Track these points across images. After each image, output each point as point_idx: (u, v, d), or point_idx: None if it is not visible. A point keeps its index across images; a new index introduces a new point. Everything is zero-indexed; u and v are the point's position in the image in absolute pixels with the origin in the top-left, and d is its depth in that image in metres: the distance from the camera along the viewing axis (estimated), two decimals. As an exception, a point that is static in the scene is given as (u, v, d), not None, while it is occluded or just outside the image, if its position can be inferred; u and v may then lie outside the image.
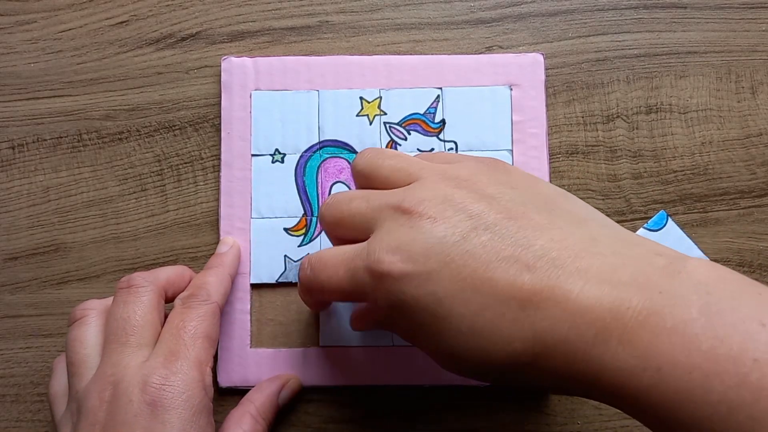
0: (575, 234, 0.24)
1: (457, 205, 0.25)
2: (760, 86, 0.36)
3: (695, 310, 0.20)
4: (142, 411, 0.26)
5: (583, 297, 0.22)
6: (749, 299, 0.21)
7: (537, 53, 0.36)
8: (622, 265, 0.22)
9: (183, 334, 0.29)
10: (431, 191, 0.26)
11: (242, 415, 0.32)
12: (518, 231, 0.24)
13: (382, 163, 0.28)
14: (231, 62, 0.37)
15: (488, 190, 0.26)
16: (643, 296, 0.21)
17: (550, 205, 0.26)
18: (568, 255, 0.23)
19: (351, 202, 0.28)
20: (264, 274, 0.35)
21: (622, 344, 0.21)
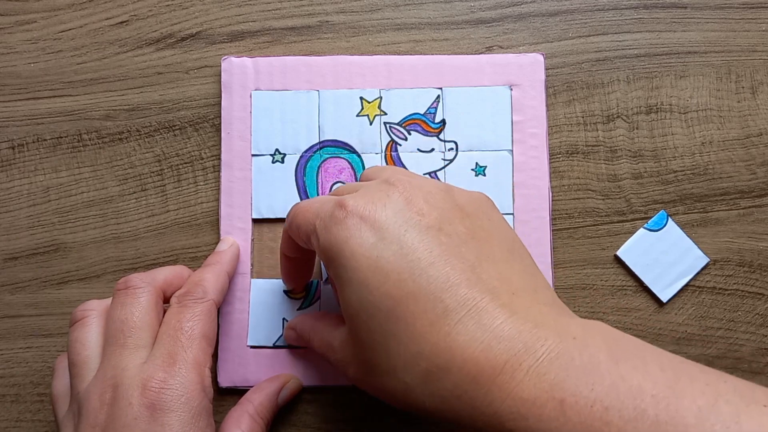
0: (522, 280, 0.25)
1: (435, 202, 0.26)
2: (760, 86, 0.36)
3: (603, 354, 0.21)
4: (141, 414, 0.26)
5: (505, 326, 0.23)
6: (652, 352, 0.22)
7: (537, 53, 0.36)
8: (548, 314, 0.24)
9: (180, 335, 0.29)
10: (420, 181, 0.27)
11: (241, 415, 0.32)
12: (475, 250, 0.25)
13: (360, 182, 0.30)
14: (231, 62, 0.37)
15: (467, 208, 0.27)
16: (558, 338, 0.22)
17: (513, 249, 0.27)
18: (507, 290, 0.24)
19: (349, 184, 0.30)
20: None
21: (529, 376, 0.22)
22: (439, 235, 0.25)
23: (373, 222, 0.25)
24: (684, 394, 0.20)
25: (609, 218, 0.36)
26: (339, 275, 0.26)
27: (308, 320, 0.32)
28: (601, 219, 0.36)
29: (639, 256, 0.35)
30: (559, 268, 0.36)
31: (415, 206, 0.26)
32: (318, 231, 0.27)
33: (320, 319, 0.32)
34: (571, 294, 0.35)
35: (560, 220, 0.36)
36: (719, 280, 0.35)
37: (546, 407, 0.21)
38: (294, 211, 0.29)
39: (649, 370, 0.21)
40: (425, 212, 0.25)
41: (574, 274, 0.36)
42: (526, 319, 0.23)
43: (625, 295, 0.35)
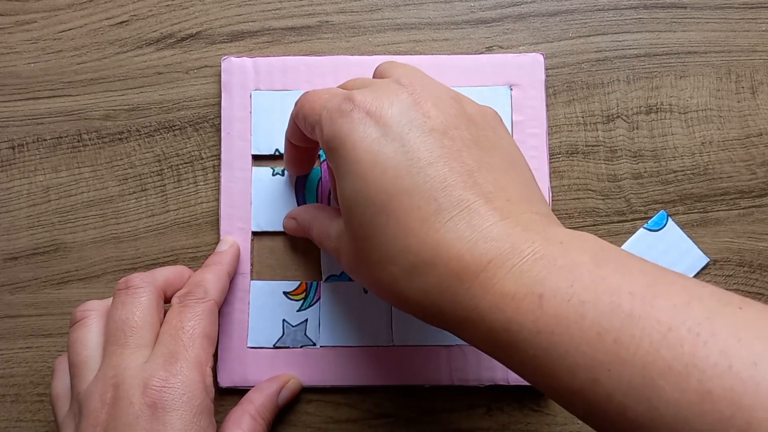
0: (519, 192, 0.25)
1: (444, 106, 0.26)
2: (760, 86, 0.36)
3: (587, 257, 0.22)
4: (143, 413, 0.26)
5: (494, 228, 0.23)
6: (636, 259, 0.23)
7: (537, 53, 0.36)
8: (539, 221, 0.24)
9: (181, 334, 0.29)
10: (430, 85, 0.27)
11: (241, 415, 0.32)
12: (476, 157, 0.25)
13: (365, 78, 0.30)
14: (231, 62, 0.37)
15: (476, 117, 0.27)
16: (546, 242, 0.23)
17: (516, 165, 0.27)
18: (502, 197, 0.24)
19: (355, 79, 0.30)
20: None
21: (511, 273, 0.22)
22: (442, 138, 0.25)
23: (379, 118, 0.25)
24: (660, 294, 0.20)
25: (609, 218, 0.36)
26: (339, 166, 0.26)
27: (309, 210, 0.33)
28: (601, 219, 0.36)
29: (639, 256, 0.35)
30: (559, 268, 0.36)
31: (422, 108, 0.26)
32: (323, 122, 0.27)
33: (320, 209, 0.33)
34: (571, 294, 0.35)
35: (560, 220, 0.36)
36: (719, 280, 0.35)
37: (524, 301, 0.22)
38: (302, 100, 0.29)
39: (631, 272, 0.21)
40: (432, 115, 0.26)
41: (574, 274, 0.36)
42: (517, 223, 0.23)
43: (625, 295, 0.35)
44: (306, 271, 0.36)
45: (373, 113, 0.26)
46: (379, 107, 0.26)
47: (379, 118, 0.25)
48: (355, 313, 0.35)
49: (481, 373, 0.34)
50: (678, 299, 0.20)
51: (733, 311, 0.20)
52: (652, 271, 0.22)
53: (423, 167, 0.24)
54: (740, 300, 0.20)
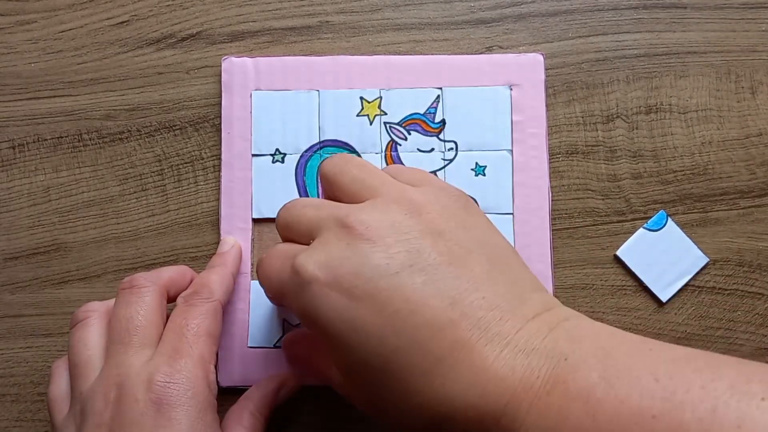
0: (507, 295, 0.24)
1: (401, 234, 0.24)
2: (760, 86, 0.36)
3: (596, 374, 0.21)
4: (148, 410, 0.26)
5: (498, 364, 0.22)
6: (642, 356, 0.22)
7: (537, 53, 0.36)
8: (538, 331, 0.23)
9: (186, 332, 0.29)
10: (379, 212, 0.25)
11: (241, 412, 0.32)
12: (453, 280, 0.24)
13: (344, 171, 0.28)
14: (231, 62, 0.37)
15: (439, 224, 0.25)
16: (550, 364, 0.22)
17: (494, 258, 0.25)
18: (494, 317, 0.23)
19: (304, 207, 0.28)
20: (262, 339, 0.35)
21: (530, 414, 0.21)
22: (412, 277, 0.23)
23: (337, 284, 0.24)
24: (683, 408, 0.20)
25: (609, 218, 0.36)
26: (323, 338, 0.25)
27: (302, 347, 0.32)
28: (601, 219, 0.36)
29: (639, 256, 0.35)
30: (559, 268, 0.36)
31: (379, 251, 0.24)
32: (287, 298, 0.26)
33: (314, 349, 0.31)
34: (571, 294, 0.36)
35: (560, 220, 0.36)
36: (719, 280, 0.35)
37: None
38: (258, 269, 0.28)
39: (644, 385, 0.20)
40: (392, 254, 0.24)
41: (574, 274, 0.36)
42: (517, 349, 0.22)
43: (624, 294, 0.35)
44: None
45: (330, 282, 0.24)
46: (331, 272, 0.24)
47: (337, 284, 0.24)
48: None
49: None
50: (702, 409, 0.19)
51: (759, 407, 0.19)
52: (665, 372, 0.21)
53: (405, 319, 0.23)
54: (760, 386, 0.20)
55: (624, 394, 0.20)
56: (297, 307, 0.26)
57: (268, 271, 0.27)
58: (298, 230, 0.27)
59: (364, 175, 0.28)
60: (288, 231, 0.28)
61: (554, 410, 0.21)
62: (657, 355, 0.22)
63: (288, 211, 0.28)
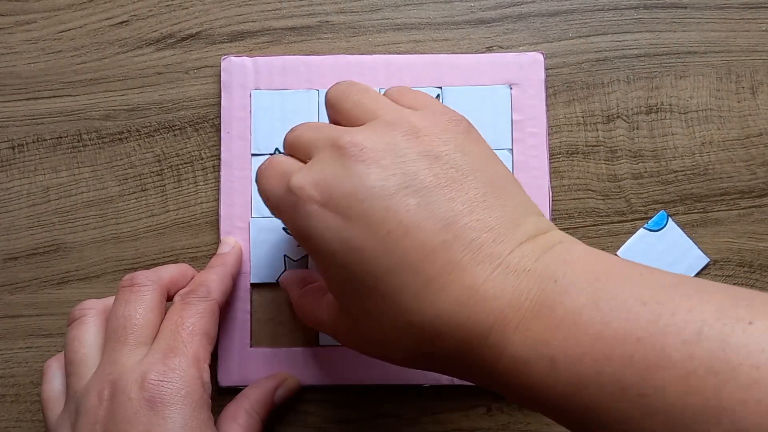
0: (502, 218, 0.24)
1: (397, 156, 0.24)
2: (760, 86, 0.36)
3: (584, 297, 0.21)
4: (141, 408, 0.26)
5: (488, 284, 0.22)
6: (632, 281, 0.21)
7: (537, 52, 0.36)
8: (531, 252, 0.23)
9: (181, 330, 0.29)
10: (376, 134, 0.25)
11: (236, 410, 0.32)
12: (447, 203, 0.23)
13: (347, 97, 0.28)
14: (231, 62, 0.37)
15: (437, 147, 0.25)
16: (539, 286, 0.22)
17: (491, 182, 0.25)
18: (487, 238, 0.23)
19: (307, 130, 0.28)
20: (264, 274, 0.35)
21: (516, 334, 0.22)
22: (406, 199, 0.23)
23: (332, 204, 0.24)
24: (668, 331, 0.20)
25: (609, 218, 0.36)
26: (316, 258, 0.26)
27: (292, 287, 0.33)
28: (601, 219, 0.36)
29: (639, 256, 0.35)
30: (559, 268, 0.36)
31: (373, 173, 0.24)
32: (282, 216, 0.27)
33: (305, 290, 0.31)
34: (571, 294, 0.35)
35: (560, 220, 0.36)
36: (719, 281, 0.35)
37: (537, 366, 0.21)
38: (257, 176, 0.28)
39: (631, 308, 0.20)
40: (386, 176, 0.24)
41: (574, 274, 0.36)
42: (508, 270, 0.22)
43: (625, 295, 0.35)
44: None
45: (326, 201, 0.24)
46: (328, 191, 0.24)
47: (333, 204, 0.24)
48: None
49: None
50: (687, 333, 0.19)
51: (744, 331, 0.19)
52: (651, 296, 0.21)
53: (397, 240, 0.23)
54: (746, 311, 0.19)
55: (610, 317, 0.20)
56: (292, 224, 0.26)
57: (266, 186, 0.27)
58: (298, 150, 0.27)
59: (364, 99, 0.27)
60: (290, 149, 0.28)
61: (539, 331, 0.21)
62: (647, 280, 0.21)
63: (293, 131, 0.28)
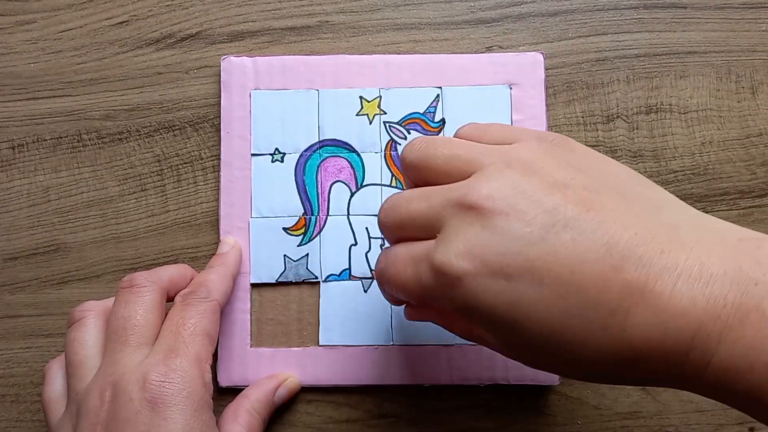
0: (656, 223, 0.22)
1: (530, 197, 0.23)
2: (760, 86, 0.36)
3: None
4: (143, 408, 0.26)
5: (675, 299, 0.21)
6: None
7: (537, 52, 0.36)
8: (709, 257, 0.21)
9: (182, 331, 0.29)
10: (497, 182, 0.23)
11: (237, 410, 0.32)
12: (599, 226, 0.22)
13: (435, 153, 0.26)
14: (230, 62, 0.37)
15: (558, 175, 0.23)
16: (737, 290, 0.20)
17: (622, 188, 0.24)
18: (654, 250, 0.21)
19: (410, 203, 0.25)
20: (264, 274, 0.35)
21: (723, 344, 0.20)
22: (558, 237, 0.22)
23: (489, 269, 0.22)
24: None
25: (609, 218, 0.36)
26: (483, 326, 0.24)
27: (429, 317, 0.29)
28: (601, 219, 0.36)
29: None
30: (559, 268, 0.36)
31: (516, 222, 0.22)
32: (436, 301, 0.24)
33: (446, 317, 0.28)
34: (571, 294, 0.35)
35: (560, 220, 0.36)
36: (719, 280, 0.35)
37: (753, 372, 0.20)
38: (380, 272, 0.26)
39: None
40: (529, 220, 0.22)
41: (574, 274, 0.36)
42: (692, 279, 0.21)
43: (625, 295, 0.35)
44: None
45: (482, 268, 0.22)
46: (479, 257, 0.22)
47: (490, 269, 0.22)
48: (355, 312, 0.35)
49: (481, 372, 0.34)
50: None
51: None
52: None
53: (567, 282, 0.21)
54: None
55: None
56: (452, 304, 0.24)
57: (402, 280, 0.25)
58: (415, 227, 0.25)
59: (458, 151, 0.25)
60: (402, 230, 0.26)
61: (749, 340, 0.20)
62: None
63: (394, 211, 0.26)
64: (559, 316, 0.22)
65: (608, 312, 0.21)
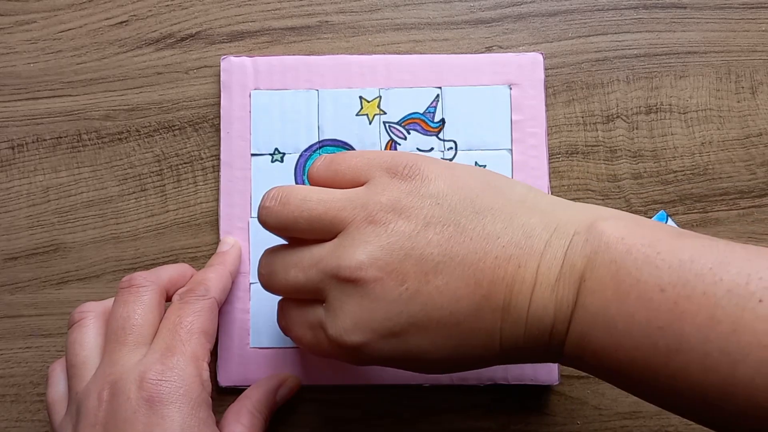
0: (511, 236, 0.25)
1: (397, 252, 0.24)
2: (760, 86, 0.36)
3: (610, 292, 0.23)
4: (140, 407, 0.26)
5: (533, 309, 0.24)
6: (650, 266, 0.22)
7: (536, 52, 0.36)
8: (554, 259, 0.24)
9: (179, 329, 0.29)
10: (365, 246, 0.25)
11: (239, 410, 0.32)
12: (464, 261, 0.24)
13: (296, 218, 0.27)
14: (230, 62, 0.37)
15: (419, 217, 0.25)
16: (573, 290, 0.23)
17: (477, 204, 0.25)
18: (512, 268, 0.24)
19: (287, 272, 0.27)
20: None
21: (570, 333, 0.24)
22: (431, 284, 0.24)
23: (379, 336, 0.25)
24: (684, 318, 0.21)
25: (609, 218, 0.36)
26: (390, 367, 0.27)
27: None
28: (601, 219, 0.36)
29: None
30: (558, 268, 0.36)
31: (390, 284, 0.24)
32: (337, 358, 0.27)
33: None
34: (571, 294, 0.35)
35: (560, 220, 0.36)
36: (719, 280, 0.35)
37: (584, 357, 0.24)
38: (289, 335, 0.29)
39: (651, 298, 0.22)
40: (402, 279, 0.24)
41: (574, 274, 0.36)
42: (543, 287, 0.24)
43: (624, 295, 0.35)
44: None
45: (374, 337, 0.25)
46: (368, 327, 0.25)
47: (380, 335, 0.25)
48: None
49: (480, 372, 0.34)
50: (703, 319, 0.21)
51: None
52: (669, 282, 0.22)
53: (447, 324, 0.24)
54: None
55: (633, 308, 0.22)
56: (355, 363, 0.27)
57: (305, 343, 0.27)
58: (299, 294, 0.27)
59: (316, 211, 0.26)
60: (294, 294, 0.28)
61: (580, 328, 0.23)
62: (665, 260, 0.22)
63: (273, 279, 0.28)
64: (448, 349, 0.25)
65: (486, 335, 0.25)
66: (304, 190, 0.27)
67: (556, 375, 0.34)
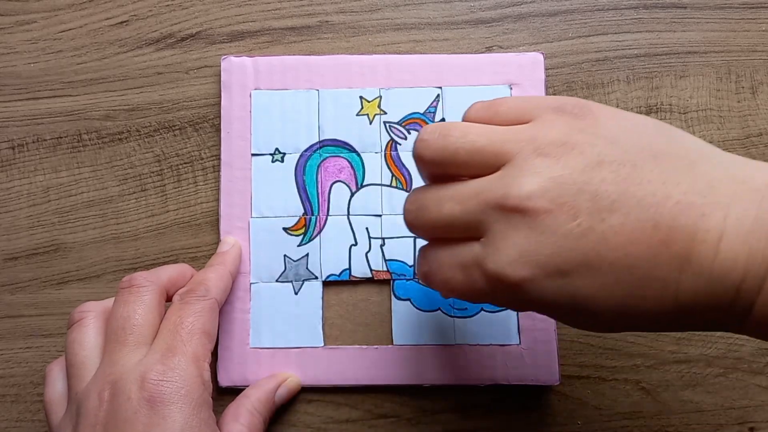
0: (692, 184, 0.22)
1: (570, 186, 0.22)
2: (760, 86, 0.36)
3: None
4: (141, 407, 0.26)
5: (719, 261, 0.21)
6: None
7: (537, 52, 0.36)
8: (745, 211, 0.22)
9: (180, 329, 0.29)
10: (534, 176, 0.23)
11: (238, 410, 0.32)
12: (641, 202, 0.22)
13: (456, 148, 0.24)
14: (231, 62, 0.37)
15: (592, 154, 0.23)
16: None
17: (653, 147, 0.23)
18: (695, 215, 0.22)
19: (441, 205, 0.25)
20: (264, 274, 0.35)
21: (761, 294, 0.21)
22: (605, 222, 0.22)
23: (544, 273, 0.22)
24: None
25: (609, 218, 0.36)
26: (551, 316, 0.25)
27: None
28: (601, 219, 0.36)
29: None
30: (559, 268, 0.36)
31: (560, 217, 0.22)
32: (493, 301, 0.25)
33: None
34: (571, 294, 0.35)
35: (560, 220, 0.36)
36: (719, 280, 0.35)
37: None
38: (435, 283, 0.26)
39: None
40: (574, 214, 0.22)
41: (574, 274, 0.35)
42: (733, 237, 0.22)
43: (625, 295, 0.35)
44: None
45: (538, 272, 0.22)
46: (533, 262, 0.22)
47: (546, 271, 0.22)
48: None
49: (481, 372, 0.34)
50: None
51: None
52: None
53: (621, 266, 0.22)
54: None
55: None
56: (513, 304, 0.25)
57: (453, 285, 0.25)
58: (451, 230, 0.25)
59: (479, 143, 0.24)
60: (436, 233, 0.25)
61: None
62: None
63: (423, 212, 0.25)
64: (617, 297, 0.22)
65: (661, 285, 0.22)
66: (464, 125, 0.25)
67: (556, 375, 0.34)
